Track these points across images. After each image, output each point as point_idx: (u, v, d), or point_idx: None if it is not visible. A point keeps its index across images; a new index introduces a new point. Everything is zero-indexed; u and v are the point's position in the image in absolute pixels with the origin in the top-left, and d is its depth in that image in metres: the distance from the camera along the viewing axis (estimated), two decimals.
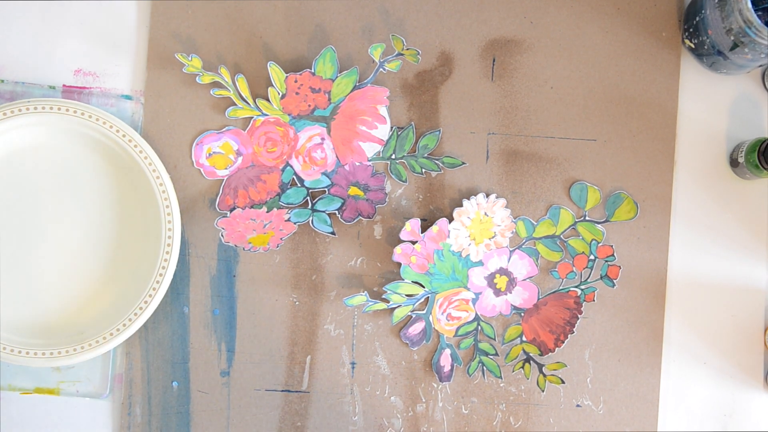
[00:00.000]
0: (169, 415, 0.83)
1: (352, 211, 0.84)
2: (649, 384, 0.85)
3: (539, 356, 0.85)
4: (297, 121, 0.84)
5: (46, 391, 0.83)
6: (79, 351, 0.80)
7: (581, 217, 0.85)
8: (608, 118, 0.86)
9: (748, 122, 0.87)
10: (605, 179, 0.86)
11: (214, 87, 0.83)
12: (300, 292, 0.84)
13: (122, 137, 0.80)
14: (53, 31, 0.84)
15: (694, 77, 0.87)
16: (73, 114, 0.80)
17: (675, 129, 0.86)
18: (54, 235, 0.82)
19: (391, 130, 0.85)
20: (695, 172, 0.87)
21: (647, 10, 0.86)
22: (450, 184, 0.85)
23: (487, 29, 0.86)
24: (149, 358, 0.83)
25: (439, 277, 0.84)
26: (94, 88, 0.84)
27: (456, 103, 0.85)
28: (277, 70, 0.82)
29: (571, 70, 0.86)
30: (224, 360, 0.84)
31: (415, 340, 0.85)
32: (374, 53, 0.83)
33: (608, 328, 0.85)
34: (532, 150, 0.86)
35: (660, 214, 0.86)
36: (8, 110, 0.80)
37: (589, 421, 0.85)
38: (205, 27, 0.85)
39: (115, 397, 0.84)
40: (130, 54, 0.85)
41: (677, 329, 0.86)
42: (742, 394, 0.86)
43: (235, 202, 0.84)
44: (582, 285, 0.85)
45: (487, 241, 0.84)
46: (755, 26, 0.74)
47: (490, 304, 0.85)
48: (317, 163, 0.84)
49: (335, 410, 0.84)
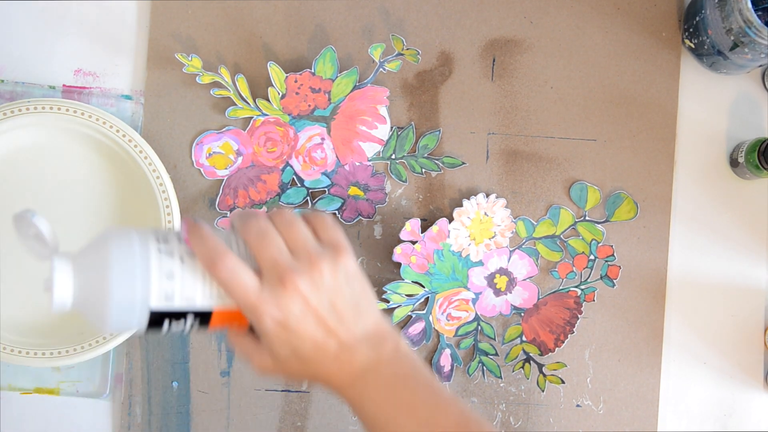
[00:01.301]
0: (169, 415, 0.83)
1: (352, 211, 0.84)
2: (649, 384, 0.85)
3: (539, 356, 0.85)
4: (297, 121, 0.84)
5: (46, 391, 0.83)
6: (79, 351, 0.80)
7: (581, 217, 0.85)
8: (608, 118, 0.86)
9: (748, 122, 0.87)
10: (605, 179, 0.86)
11: (214, 87, 0.83)
12: None
13: (122, 137, 0.80)
14: (53, 31, 0.84)
15: (694, 77, 0.87)
16: (73, 114, 0.80)
17: (675, 129, 0.86)
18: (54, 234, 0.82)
19: (391, 130, 0.85)
20: (695, 172, 0.87)
21: (647, 10, 0.86)
22: (450, 184, 0.85)
23: (487, 29, 0.86)
24: (149, 358, 0.83)
25: (439, 277, 0.84)
26: (94, 88, 0.84)
27: (456, 103, 0.85)
28: (277, 70, 0.82)
29: (571, 70, 0.86)
30: (224, 360, 0.84)
31: (415, 340, 0.85)
32: (374, 53, 0.83)
33: (608, 328, 0.85)
34: (532, 150, 0.86)
35: (660, 214, 0.86)
36: (8, 110, 0.80)
37: (589, 421, 0.85)
38: (205, 27, 0.85)
39: (115, 397, 0.84)
40: (130, 54, 0.85)
41: (677, 329, 0.86)
42: (742, 394, 0.86)
43: (235, 202, 0.84)
44: (582, 285, 0.85)
45: (487, 241, 0.84)
46: (755, 26, 0.74)
47: (490, 304, 0.85)
48: (317, 163, 0.84)
49: (335, 410, 0.84)
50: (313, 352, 0.54)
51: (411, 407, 0.55)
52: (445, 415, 0.54)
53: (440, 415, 0.54)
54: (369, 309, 0.56)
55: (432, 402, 0.55)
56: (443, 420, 0.54)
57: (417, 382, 0.56)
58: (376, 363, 0.55)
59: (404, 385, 0.55)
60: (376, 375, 0.55)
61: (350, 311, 0.55)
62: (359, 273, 0.56)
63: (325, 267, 0.54)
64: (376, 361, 0.55)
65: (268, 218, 0.55)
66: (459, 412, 0.55)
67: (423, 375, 0.56)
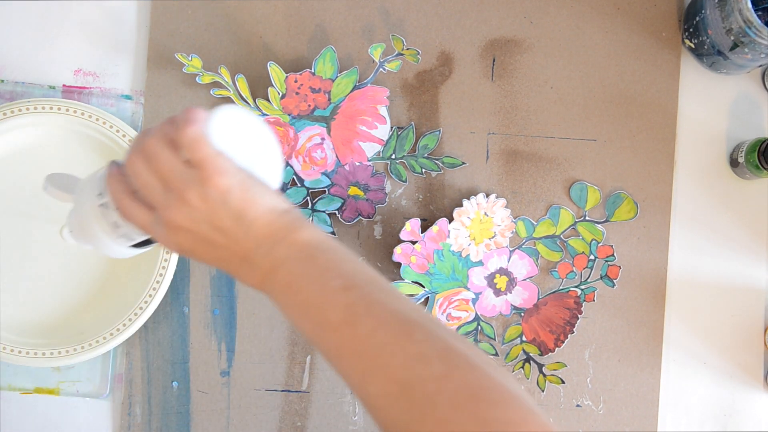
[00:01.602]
0: (169, 415, 0.83)
1: (352, 211, 0.84)
2: (649, 384, 0.85)
3: (539, 356, 0.85)
4: (297, 121, 0.84)
5: (46, 391, 0.83)
6: (79, 351, 0.80)
7: (581, 217, 0.85)
8: (608, 118, 0.86)
9: (748, 122, 0.87)
10: (605, 179, 0.86)
11: (214, 87, 0.83)
12: None
13: (122, 137, 0.80)
14: (53, 31, 0.84)
15: (694, 77, 0.87)
16: (73, 114, 0.80)
17: (675, 129, 0.86)
18: (54, 234, 0.82)
19: (391, 130, 0.85)
20: (695, 172, 0.87)
21: (647, 10, 0.86)
22: (450, 184, 0.85)
23: (487, 29, 0.86)
24: (149, 358, 0.83)
25: (439, 277, 0.84)
26: (94, 88, 0.84)
27: (456, 103, 0.85)
28: (277, 70, 0.82)
29: (571, 70, 0.86)
30: (224, 360, 0.84)
31: None
32: (374, 53, 0.83)
33: (608, 328, 0.85)
34: (532, 150, 0.86)
35: (660, 214, 0.86)
36: (8, 110, 0.80)
37: (589, 421, 0.85)
38: (205, 27, 0.85)
39: (115, 397, 0.84)
40: (130, 54, 0.85)
41: (677, 329, 0.86)
42: (742, 394, 0.86)
43: None
44: (582, 285, 0.85)
45: (487, 241, 0.84)
46: (755, 26, 0.74)
47: (490, 304, 0.85)
48: (317, 163, 0.84)
49: (335, 410, 0.84)
50: (218, 264, 0.57)
51: (304, 308, 0.54)
52: (332, 309, 0.52)
53: (329, 310, 0.52)
54: (255, 213, 0.55)
55: (320, 300, 0.53)
56: (332, 315, 0.52)
57: (310, 280, 0.54)
58: (271, 268, 0.55)
59: (297, 288, 0.54)
60: (273, 280, 0.55)
61: (234, 226, 0.55)
62: (232, 183, 0.54)
63: (193, 195, 0.54)
64: (271, 266, 0.55)
65: (139, 152, 0.56)
66: (345, 305, 0.52)
67: (317, 269, 0.54)
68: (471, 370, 0.48)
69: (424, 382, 0.47)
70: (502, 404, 0.46)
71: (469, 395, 0.46)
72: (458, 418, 0.46)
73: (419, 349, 0.49)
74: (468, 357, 0.49)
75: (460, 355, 0.49)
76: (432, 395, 0.47)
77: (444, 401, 0.46)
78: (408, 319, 0.51)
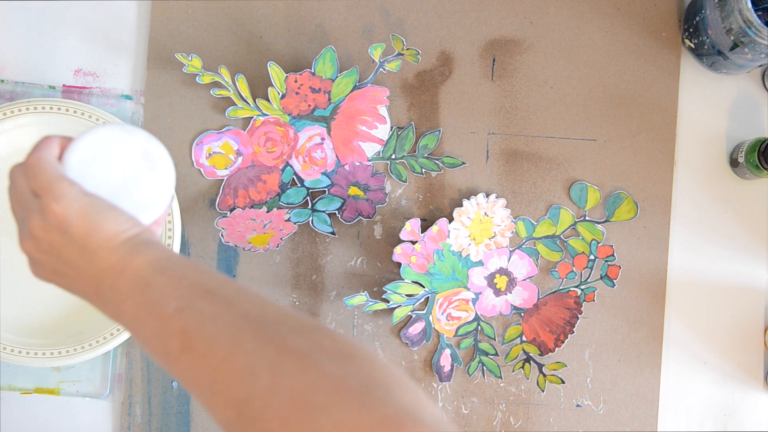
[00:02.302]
0: (169, 415, 0.83)
1: (352, 211, 0.84)
2: (649, 384, 0.85)
3: (539, 356, 0.85)
4: (297, 121, 0.84)
5: (46, 391, 0.83)
6: (79, 351, 0.80)
7: (581, 217, 0.85)
8: (608, 118, 0.86)
9: (748, 122, 0.87)
10: (605, 179, 0.86)
11: (214, 87, 0.83)
12: (300, 292, 0.84)
13: None
14: (53, 31, 0.84)
15: (694, 77, 0.87)
16: (73, 114, 0.80)
17: (675, 129, 0.86)
18: None
19: (391, 130, 0.85)
20: (695, 172, 0.87)
21: (647, 10, 0.86)
22: (450, 184, 0.85)
23: (487, 29, 0.86)
24: (149, 358, 0.83)
25: (439, 277, 0.84)
26: (94, 88, 0.84)
27: (456, 103, 0.85)
28: (277, 70, 0.82)
29: (571, 70, 0.86)
30: None
31: (415, 340, 0.85)
32: (374, 53, 0.83)
33: (608, 328, 0.85)
34: (532, 150, 0.86)
35: (660, 214, 0.86)
36: (8, 110, 0.80)
37: (589, 421, 0.85)
38: (205, 27, 0.85)
39: (115, 397, 0.84)
40: (130, 54, 0.85)
41: (677, 329, 0.86)
42: (742, 394, 0.86)
43: (235, 202, 0.84)
44: (582, 285, 0.85)
45: (487, 241, 0.84)
46: (755, 26, 0.74)
47: (490, 304, 0.85)
48: (317, 163, 0.84)
49: None
50: (81, 297, 0.55)
51: (150, 341, 0.51)
52: (170, 338, 0.49)
53: (168, 339, 0.49)
54: (98, 243, 0.53)
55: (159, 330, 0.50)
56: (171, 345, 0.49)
57: (148, 310, 0.51)
58: (120, 301, 0.52)
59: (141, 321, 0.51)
60: (123, 314, 0.52)
61: (78, 257, 0.53)
62: (70, 211, 0.53)
63: (35, 223, 0.53)
64: (120, 300, 0.52)
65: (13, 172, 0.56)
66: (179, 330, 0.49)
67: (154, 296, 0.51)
68: (301, 372, 0.44)
69: (252, 400, 0.44)
70: (331, 407, 0.43)
71: (296, 406, 0.43)
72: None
73: (248, 362, 0.46)
74: (301, 356, 0.45)
75: (291, 357, 0.45)
76: (260, 413, 0.44)
77: (272, 418, 0.43)
78: (242, 327, 0.48)
